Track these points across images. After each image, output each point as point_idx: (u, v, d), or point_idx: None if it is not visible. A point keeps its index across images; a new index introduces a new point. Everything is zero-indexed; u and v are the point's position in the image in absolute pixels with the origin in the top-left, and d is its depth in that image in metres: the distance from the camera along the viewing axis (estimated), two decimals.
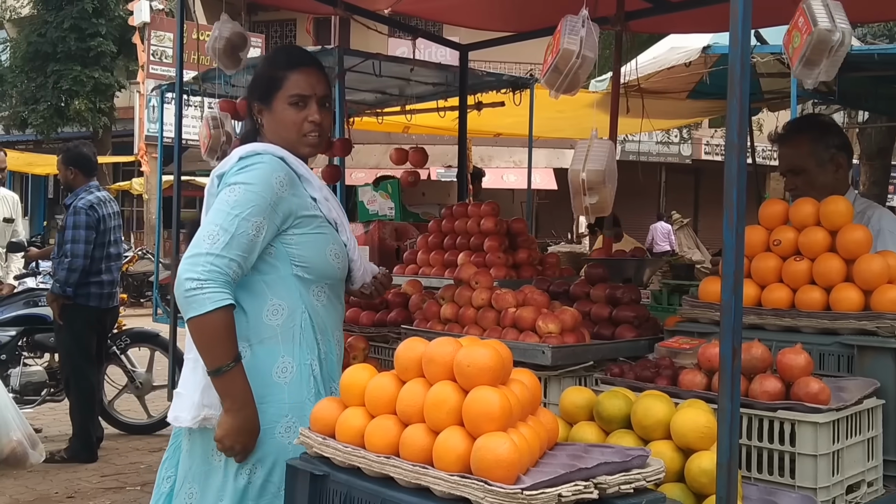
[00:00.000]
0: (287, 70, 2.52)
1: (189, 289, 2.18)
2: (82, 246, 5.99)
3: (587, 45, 2.29)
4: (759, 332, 2.51)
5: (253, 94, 2.57)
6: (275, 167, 2.37)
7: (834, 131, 3.24)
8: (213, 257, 2.21)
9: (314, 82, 2.53)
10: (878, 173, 11.14)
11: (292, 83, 2.51)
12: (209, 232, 2.24)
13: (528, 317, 2.79)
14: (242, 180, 2.31)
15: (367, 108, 7.28)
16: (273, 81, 2.52)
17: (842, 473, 2.11)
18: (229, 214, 2.27)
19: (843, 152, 3.14)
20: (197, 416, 2.31)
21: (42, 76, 21.83)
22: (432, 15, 5.90)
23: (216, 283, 2.20)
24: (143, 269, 16.06)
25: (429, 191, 6.30)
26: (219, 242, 2.23)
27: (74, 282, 5.96)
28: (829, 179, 3.09)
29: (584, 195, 2.15)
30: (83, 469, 5.99)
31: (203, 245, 2.23)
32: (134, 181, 20.94)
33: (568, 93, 2.35)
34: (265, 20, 24.89)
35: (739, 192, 1.67)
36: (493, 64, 14.47)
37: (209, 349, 2.22)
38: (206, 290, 2.18)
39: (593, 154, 2.22)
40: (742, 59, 1.67)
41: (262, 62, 2.68)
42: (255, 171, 2.33)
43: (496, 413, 1.62)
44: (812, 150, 3.10)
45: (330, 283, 2.51)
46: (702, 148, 23.14)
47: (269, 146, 2.44)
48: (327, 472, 1.82)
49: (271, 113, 2.52)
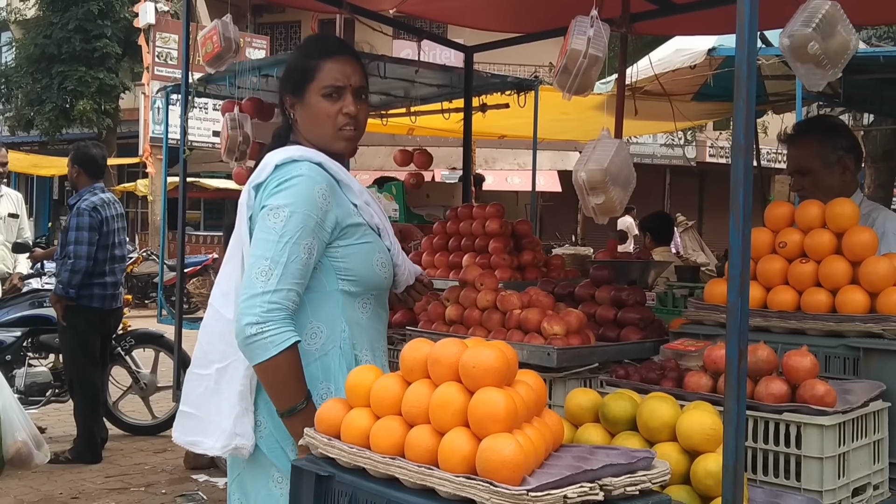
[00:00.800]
0: (320, 59, 2.38)
1: (250, 335, 2.09)
2: (85, 247, 6.00)
3: (595, 45, 2.29)
4: (765, 334, 2.50)
5: (285, 87, 2.44)
6: (315, 178, 2.24)
7: (842, 133, 3.22)
8: (269, 294, 2.11)
9: (349, 72, 2.38)
10: (884, 176, 11.11)
11: (326, 73, 2.37)
12: (260, 268, 2.13)
13: (534, 318, 2.78)
14: (285, 202, 2.18)
15: (372, 110, 7.27)
16: (306, 73, 2.38)
17: (848, 476, 2.10)
18: (278, 243, 2.15)
19: (851, 154, 3.13)
20: (228, 446, 2.23)
21: (47, 77, 21.93)
22: (437, 16, 5.91)
23: (277, 323, 2.11)
24: (147, 271, 16.09)
25: (433, 192, 6.29)
26: (273, 277, 2.12)
27: (77, 283, 5.97)
28: (836, 181, 3.08)
29: (587, 195, 2.15)
30: (87, 470, 6.01)
31: (257, 284, 2.12)
32: (139, 182, 20.98)
33: (580, 94, 2.34)
34: (270, 22, 24.93)
35: (746, 194, 1.66)
36: (497, 66, 14.47)
37: (278, 392, 2.16)
38: (268, 333, 2.09)
39: (596, 154, 2.21)
40: (749, 61, 1.66)
41: (294, 53, 2.54)
42: (295, 187, 2.20)
43: (502, 414, 1.62)
44: (819, 151, 3.09)
45: (376, 294, 2.40)
46: (706, 150, 23.12)
47: (306, 151, 2.32)
48: (332, 472, 1.82)
49: (304, 106, 2.39)
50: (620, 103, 4.79)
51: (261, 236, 2.18)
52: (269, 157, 2.32)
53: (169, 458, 6.38)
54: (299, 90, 2.40)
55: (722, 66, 7.10)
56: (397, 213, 6.04)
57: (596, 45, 2.28)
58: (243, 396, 2.24)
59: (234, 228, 2.32)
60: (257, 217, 2.25)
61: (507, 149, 19.54)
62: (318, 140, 2.40)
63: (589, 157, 2.14)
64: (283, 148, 2.37)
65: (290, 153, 2.31)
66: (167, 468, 6.13)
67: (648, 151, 22.86)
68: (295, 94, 2.42)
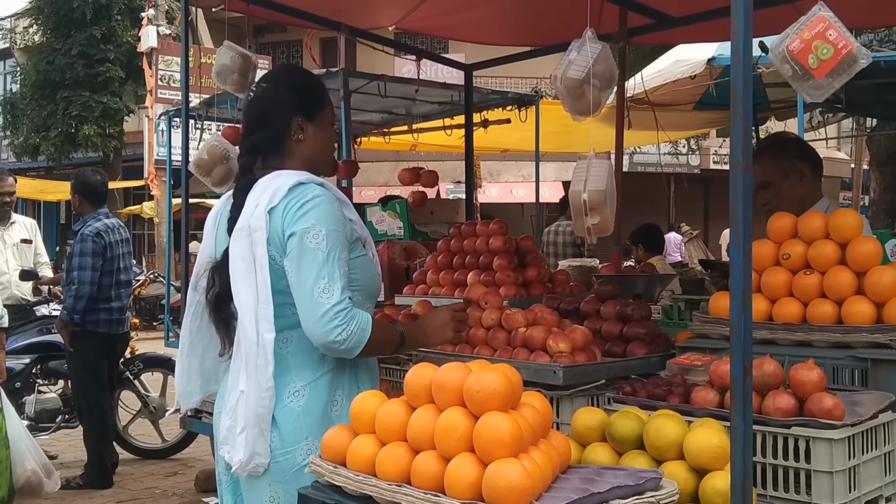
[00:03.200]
0: (326, 91, 2.56)
1: (342, 341, 2.23)
2: (89, 273, 6.02)
3: (576, 65, 2.28)
4: (771, 346, 2.49)
5: (298, 108, 2.47)
6: (330, 198, 2.34)
7: (792, 144, 3.48)
8: (338, 304, 2.23)
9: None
10: (889, 179, 11.09)
11: (330, 104, 2.55)
12: (321, 287, 2.23)
13: (539, 336, 2.78)
14: (316, 221, 2.27)
15: (374, 129, 7.29)
16: (321, 99, 2.52)
17: (859, 489, 2.09)
18: (327, 261, 2.25)
19: (805, 161, 3.33)
20: (248, 463, 2.26)
21: (52, 103, 22.04)
22: (437, 31, 5.94)
23: (354, 317, 2.24)
24: (155, 293, 16.11)
25: (437, 209, 6.30)
26: (335, 290, 2.24)
27: (82, 309, 5.98)
28: (797, 190, 3.28)
29: (587, 216, 2.14)
30: (99, 495, 6.00)
31: (324, 302, 2.22)
32: (145, 205, 21.04)
33: (593, 114, 2.33)
34: (271, 42, 25.04)
35: (745, 211, 1.66)
36: (498, 80, 14.52)
37: (384, 349, 2.43)
38: (354, 328, 2.24)
39: (593, 174, 2.21)
40: (745, 78, 1.66)
41: (305, 78, 2.60)
42: (319, 207, 2.29)
43: (507, 439, 1.62)
44: (773, 164, 3.30)
45: (372, 302, 2.53)
46: (710, 158, 23.10)
47: (303, 174, 2.38)
48: (339, 500, 1.81)
49: (318, 129, 2.49)
50: (620, 115, 4.80)
51: (308, 258, 2.25)
52: (275, 182, 2.34)
53: (180, 482, 6.37)
54: (314, 113, 2.49)
55: (722, 74, 7.10)
56: (401, 230, 6.03)
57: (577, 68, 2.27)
58: (263, 418, 2.26)
59: (239, 248, 2.31)
60: (286, 243, 2.28)
61: (511, 161, 19.55)
62: (318, 164, 2.50)
63: (586, 177, 2.14)
64: (279, 172, 2.39)
65: (298, 177, 2.35)
66: (178, 492, 6.12)
67: (652, 160, 22.83)
68: (309, 117, 2.48)
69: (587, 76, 2.25)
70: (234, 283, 2.31)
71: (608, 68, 2.32)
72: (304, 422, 2.29)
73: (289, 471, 2.26)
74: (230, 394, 2.37)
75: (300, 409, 2.29)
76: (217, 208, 2.58)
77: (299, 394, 2.31)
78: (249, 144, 2.48)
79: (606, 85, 2.30)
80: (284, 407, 2.29)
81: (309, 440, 2.27)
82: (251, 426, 2.24)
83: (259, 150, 2.47)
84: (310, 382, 2.32)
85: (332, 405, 2.33)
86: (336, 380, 2.36)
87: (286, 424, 2.28)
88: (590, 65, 2.24)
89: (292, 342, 2.33)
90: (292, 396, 2.30)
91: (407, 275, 4.96)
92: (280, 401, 2.29)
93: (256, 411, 2.25)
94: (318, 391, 2.32)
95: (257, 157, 2.46)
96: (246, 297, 2.29)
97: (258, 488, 2.30)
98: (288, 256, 2.28)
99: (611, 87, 2.36)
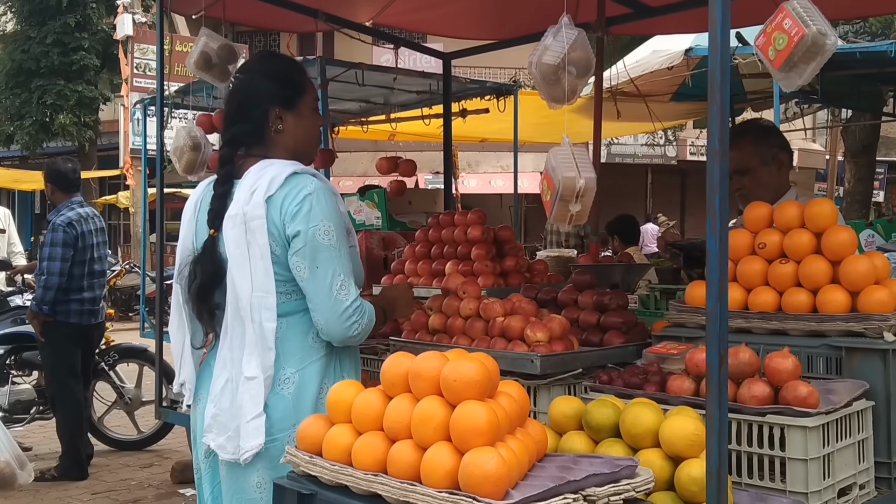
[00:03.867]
0: (305, 75, 2.55)
1: (358, 337, 2.36)
2: (58, 264, 5.94)
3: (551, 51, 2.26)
4: (747, 335, 2.50)
5: (275, 97, 2.46)
6: (327, 190, 2.36)
7: (774, 133, 3.46)
8: (354, 302, 2.33)
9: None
10: (863, 170, 11.18)
11: (311, 88, 2.53)
12: (339, 284, 2.31)
13: (517, 326, 2.78)
14: (323, 217, 2.30)
15: (352, 118, 7.26)
16: (300, 86, 2.51)
17: (833, 477, 2.10)
18: (339, 256, 2.32)
19: (785, 152, 3.33)
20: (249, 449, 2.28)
21: (27, 92, 21.75)
22: (414, 26, 5.90)
23: (365, 313, 2.36)
24: (131, 283, 15.94)
25: (415, 199, 6.27)
26: (351, 287, 2.33)
27: (51, 299, 5.92)
28: (774, 178, 3.27)
29: (575, 202, 2.14)
30: (74, 487, 5.96)
31: (343, 300, 2.30)
32: (120, 195, 20.83)
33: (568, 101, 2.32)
34: (249, 30, 24.85)
35: (722, 200, 1.66)
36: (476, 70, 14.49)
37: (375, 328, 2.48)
38: (366, 324, 2.37)
39: (581, 161, 2.20)
40: (722, 66, 1.66)
41: (283, 66, 2.59)
42: (322, 200, 2.32)
43: (483, 428, 1.61)
44: (755, 150, 3.27)
45: (359, 291, 2.53)
46: (687, 149, 23.22)
47: (295, 164, 2.39)
48: (315, 490, 1.80)
49: (298, 118, 2.48)
50: (598, 106, 4.80)
51: (323, 255, 2.30)
52: (268, 171, 2.34)
53: (156, 473, 6.33)
54: (293, 102, 2.48)
55: (699, 65, 7.13)
56: (380, 220, 6.01)
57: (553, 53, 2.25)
58: (257, 403, 2.28)
59: (234, 235, 2.30)
60: (291, 239, 2.30)
61: (489, 152, 19.56)
62: (303, 152, 2.51)
63: (577, 163, 2.13)
64: (270, 161, 2.39)
65: (292, 167, 2.37)
66: (154, 483, 6.08)
67: (630, 151, 22.93)
68: (287, 106, 2.47)
69: (563, 62, 2.23)
70: (229, 270, 2.31)
71: (585, 55, 2.30)
72: (292, 410, 2.29)
73: (276, 457, 2.25)
74: (215, 381, 2.37)
75: (290, 396, 2.30)
76: (195, 197, 2.55)
77: (289, 381, 2.32)
78: (229, 136, 2.47)
79: (583, 72, 2.28)
80: (275, 394, 2.30)
81: (296, 427, 2.25)
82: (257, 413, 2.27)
83: (239, 142, 2.46)
84: (299, 370, 2.33)
85: (319, 393, 2.33)
86: (324, 368, 2.37)
87: (276, 411, 2.29)
88: (565, 51, 2.23)
89: (282, 329, 2.33)
90: (282, 384, 2.31)
91: (385, 265, 4.94)
92: (271, 388, 2.30)
93: (255, 399, 2.26)
94: (307, 379, 2.33)
95: (238, 147, 2.45)
96: (242, 284, 2.29)
97: (245, 475, 2.29)
98: (297, 253, 2.29)
99: (588, 74, 2.34)
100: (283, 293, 2.33)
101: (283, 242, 2.30)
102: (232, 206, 2.33)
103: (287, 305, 2.34)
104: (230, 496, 2.34)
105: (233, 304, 2.32)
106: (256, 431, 2.26)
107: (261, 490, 2.28)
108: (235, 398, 2.30)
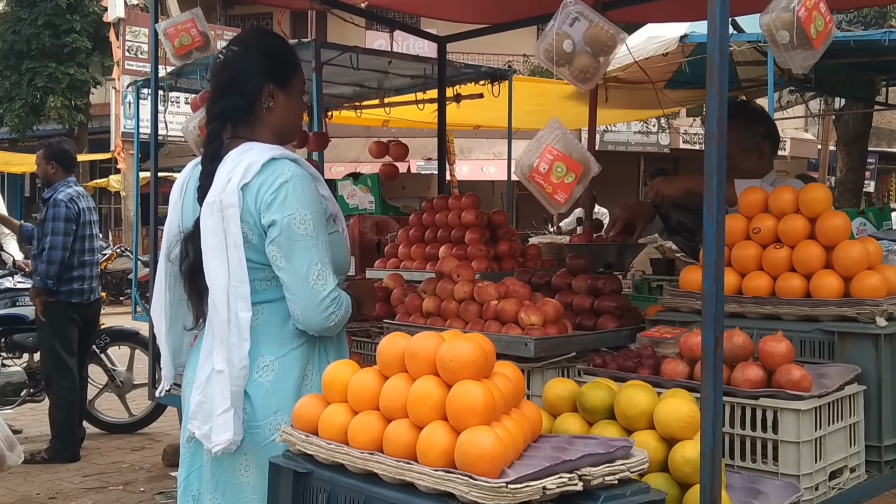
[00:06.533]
0: (297, 57, 2.52)
1: (335, 327, 2.32)
2: (61, 238, 5.98)
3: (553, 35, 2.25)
4: (740, 319, 2.52)
5: (269, 74, 2.41)
6: (305, 176, 2.31)
7: (761, 120, 3.38)
8: (332, 292, 2.28)
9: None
10: (855, 160, 11.20)
11: (301, 71, 2.51)
12: (315, 274, 2.26)
13: (511, 309, 2.78)
14: (299, 206, 2.26)
15: (346, 102, 7.23)
16: (294, 66, 2.48)
17: (824, 460, 2.12)
18: (316, 245, 2.27)
19: (769, 141, 3.29)
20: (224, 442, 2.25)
21: (17, 74, 21.61)
22: (409, 8, 5.90)
23: (342, 303, 2.32)
24: (121, 267, 15.91)
25: (409, 184, 6.29)
26: (329, 277, 2.29)
27: (55, 274, 5.93)
28: (752, 166, 3.22)
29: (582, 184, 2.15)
30: (65, 469, 5.95)
31: (320, 290, 2.26)
32: (111, 178, 20.72)
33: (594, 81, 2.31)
34: (241, 14, 24.73)
35: (720, 182, 1.67)
36: (471, 55, 14.43)
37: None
38: (343, 315, 2.33)
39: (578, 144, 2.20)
40: (721, 49, 1.66)
41: (278, 44, 2.54)
42: (299, 188, 2.27)
43: (480, 407, 1.62)
44: (738, 136, 3.21)
45: (341, 279, 2.48)
46: (680, 137, 23.22)
47: (276, 149, 2.34)
48: (311, 469, 1.81)
49: (288, 98, 2.45)
50: (593, 93, 4.80)
51: (300, 245, 2.25)
52: (247, 156, 2.29)
53: (147, 456, 6.33)
54: (286, 81, 2.45)
55: (694, 52, 7.12)
56: (373, 205, 6.01)
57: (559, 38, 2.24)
58: (236, 396, 2.25)
59: (210, 223, 2.27)
60: (266, 228, 2.25)
61: (482, 139, 19.51)
62: (286, 133, 2.49)
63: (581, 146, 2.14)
64: (251, 145, 2.34)
65: (271, 152, 2.31)
66: (145, 466, 6.08)
67: (622, 139, 22.92)
68: (280, 84, 2.43)
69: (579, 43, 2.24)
70: (205, 258, 2.28)
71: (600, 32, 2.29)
72: (272, 397, 2.27)
73: (259, 444, 2.25)
74: (201, 368, 2.35)
75: (269, 383, 2.27)
76: (183, 176, 2.52)
77: (268, 368, 2.29)
78: (218, 110, 2.41)
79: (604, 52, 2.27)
80: (253, 381, 2.27)
81: (277, 415, 2.25)
82: (233, 405, 2.23)
83: (228, 117, 2.40)
84: (279, 357, 2.30)
85: (303, 380, 2.32)
86: (306, 355, 2.34)
87: (256, 399, 2.26)
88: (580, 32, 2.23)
89: (262, 315, 2.31)
90: (261, 371, 2.28)
91: (378, 249, 4.95)
92: (249, 375, 2.27)
93: (231, 390, 2.23)
94: (287, 366, 2.30)
95: (226, 123, 2.40)
96: (217, 274, 2.26)
97: (232, 457, 2.28)
98: (273, 242, 2.25)
99: (609, 53, 2.31)
100: (263, 279, 2.30)
101: (259, 231, 2.26)
102: (210, 192, 2.29)
103: (267, 293, 2.31)
104: (216, 480, 2.32)
105: (210, 293, 2.30)
106: (226, 426, 2.22)
107: (248, 472, 2.27)
108: (207, 390, 2.29)
